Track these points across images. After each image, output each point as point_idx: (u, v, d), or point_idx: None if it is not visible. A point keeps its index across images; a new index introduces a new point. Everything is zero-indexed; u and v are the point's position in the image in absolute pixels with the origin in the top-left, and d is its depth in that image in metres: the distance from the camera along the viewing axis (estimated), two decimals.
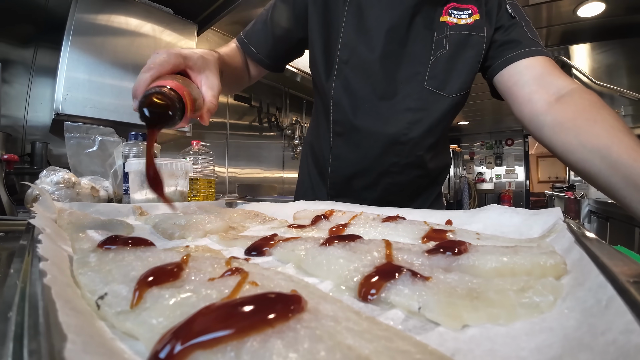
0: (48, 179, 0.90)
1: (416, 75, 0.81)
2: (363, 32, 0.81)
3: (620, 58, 2.72)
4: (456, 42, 0.79)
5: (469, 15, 0.80)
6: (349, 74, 0.83)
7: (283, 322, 0.17)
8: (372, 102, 0.82)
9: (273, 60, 0.92)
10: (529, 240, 0.38)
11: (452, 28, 0.80)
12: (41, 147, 1.80)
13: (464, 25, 0.80)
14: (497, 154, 6.98)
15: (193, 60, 0.59)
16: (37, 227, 0.35)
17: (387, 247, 0.32)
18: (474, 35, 0.79)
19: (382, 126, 0.82)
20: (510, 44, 0.77)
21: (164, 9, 2.12)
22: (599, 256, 0.23)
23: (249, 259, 0.37)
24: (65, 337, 0.15)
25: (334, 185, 0.92)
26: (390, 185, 0.86)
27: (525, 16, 0.80)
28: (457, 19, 0.80)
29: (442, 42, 0.79)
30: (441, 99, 0.81)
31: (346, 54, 0.82)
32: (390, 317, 0.22)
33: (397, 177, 0.85)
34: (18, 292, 0.19)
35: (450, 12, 0.80)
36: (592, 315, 0.18)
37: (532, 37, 0.76)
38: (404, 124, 0.81)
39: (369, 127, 0.82)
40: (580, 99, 0.65)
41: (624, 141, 0.55)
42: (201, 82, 0.59)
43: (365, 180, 0.87)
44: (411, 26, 0.80)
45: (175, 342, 0.15)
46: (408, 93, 0.81)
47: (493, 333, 0.19)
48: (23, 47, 1.90)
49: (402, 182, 0.86)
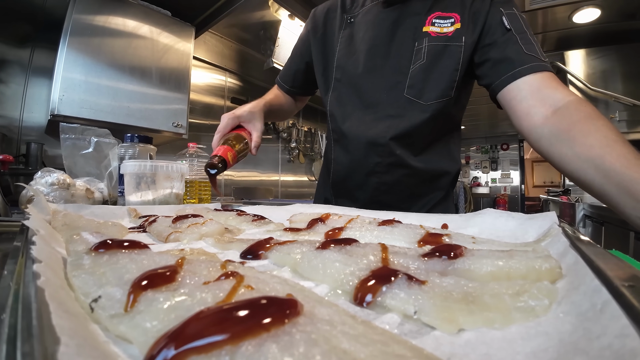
0: (43, 180, 0.90)
1: (397, 84, 0.87)
2: (352, 53, 0.95)
3: (615, 64, 2.74)
4: (433, 53, 0.84)
5: (452, 24, 0.84)
6: (341, 89, 0.97)
7: (278, 326, 0.16)
8: (360, 111, 0.93)
9: (299, 88, 1.15)
10: (525, 244, 0.38)
11: (431, 39, 0.84)
12: (36, 148, 1.79)
13: (443, 37, 0.83)
14: (492, 158, 7.01)
15: (243, 116, 0.89)
16: (31, 228, 0.35)
17: (383, 251, 0.32)
18: (452, 45, 0.83)
19: (364, 131, 0.90)
20: (504, 63, 0.77)
21: (162, 11, 2.12)
22: (594, 260, 0.23)
23: (244, 263, 0.37)
24: (58, 340, 0.15)
25: (334, 186, 1.02)
26: (378, 184, 0.91)
27: (524, 25, 0.79)
28: (440, 27, 0.85)
29: (420, 52, 0.85)
30: (419, 106, 0.85)
31: (339, 74, 0.97)
32: (386, 321, 0.22)
33: (384, 177, 0.90)
34: (11, 294, 0.19)
35: (433, 21, 0.85)
36: (587, 319, 0.18)
37: (527, 52, 0.75)
38: (383, 128, 0.88)
39: (354, 132, 0.92)
40: (576, 110, 0.66)
41: (616, 150, 0.56)
42: (251, 128, 0.90)
43: (356, 181, 0.94)
44: (394, 39, 0.88)
45: (170, 347, 0.15)
46: (390, 102, 0.88)
47: (489, 337, 0.19)
48: (20, 47, 1.89)
49: (389, 181, 0.90)
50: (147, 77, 2.03)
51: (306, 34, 1.09)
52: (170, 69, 2.15)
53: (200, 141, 2.46)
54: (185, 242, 0.49)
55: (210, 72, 3.04)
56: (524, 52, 0.75)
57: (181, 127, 2.17)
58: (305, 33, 1.09)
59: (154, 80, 2.06)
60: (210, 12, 2.31)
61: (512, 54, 0.76)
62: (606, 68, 2.76)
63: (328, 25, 1.02)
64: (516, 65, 0.75)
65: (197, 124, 2.89)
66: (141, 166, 0.89)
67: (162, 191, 0.92)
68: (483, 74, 0.82)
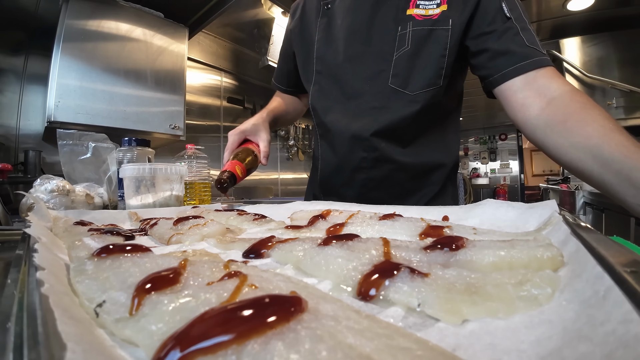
0: (42, 187, 0.90)
1: (381, 73, 0.82)
2: (331, 41, 0.90)
3: (610, 50, 2.74)
4: (418, 39, 0.78)
5: (437, 5, 0.78)
6: (322, 80, 0.93)
7: (283, 323, 0.17)
8: (342, 103, 0.88)
9: (295, 86, 1.12)
10: (526, 233, 0.38)
11: (415, 23, 0.79)
12: (34, 155, 1.79)
13: (429, 20, 0.78)
14: (491, 149, 7.01)
15: (248, 130, 0.94)
16: (33, 236, 0.35)
17: (385, 245, 0.32)
18: (437, 29, 0.77)
19: (347, 124, 0.86)
20: (506, 56, 0.72)
21: (154, 13, 2.11)
22: (595, 247, 0.23)
23: (247, 262, 0.37)
24: (64, 346, 0.15)
25: (322, 184, 0.98)
26: (365, 180, 0.87)
27: (522, 13, 0.76)
28: (425, 9, 0.79)
29: (405, 38, 0.79)
30: (405, 97, 0.81)
31: (319, 65, 0.93)
32: (390, 315, 0.22)
33: (371, 172, 0.86)
34: (16, 302, 0.19)
35: (418, 3, 0.79)
36: (590, 306, 0.18)
37: (529, 45, 0.72)
38: (367, 121, 0.83)
39: (337, 126, 0.88)
40: (572, 101, 0.65)
41: (614, 139, 0.55)
42: (257, 139, 0.95)
43: (342, 177, 0.91)
44: (374, 23, 0.82)
45: (176, 349, 0.15)
46: (373, 92, 0.83)
47: (493, 327, 0.20)
48: (13, 55, 1.89)
49: (376, 177, 0.86)
50: (142, 80, 2.03)
51: (288, 31, 1.07)
52: (165, 71, 2.15)
53: (198, 142, 2.46)
54: (187, 243, 0.49)
55: (206, 73, 3.03)
56: (526, 45, 0.72)
57: (178, 128, 2.17)
58: (287, 30, 1.08)
59: (149, 83, 2.06)
60: (203, 12, 2.31)
61: (514, 47, 0.72)
62: (602, 55, 2.76)
63: (306, 16, 0.98)
64: (519, 59, 0.71)
65: (195, 125, 2.89)
66: (140, 169, 0.89)
67: (162, 194, 0.92)
68: (480, 64, 0.77)
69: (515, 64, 0.71)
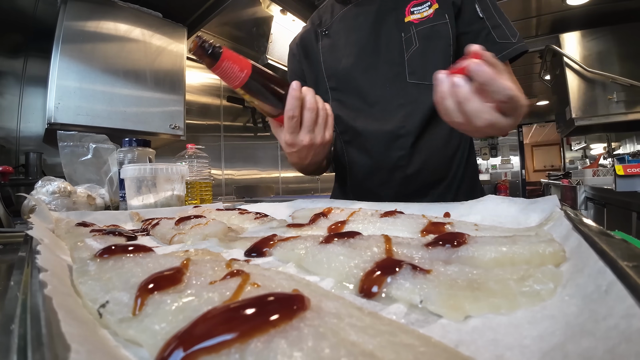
0: (44, 189, 0.90)
1: (398, 75, 0.87)
2: (338, 59, 0.93)
3: (611, 45, 2.73)
4: (424, 36, 0.85)
5: (429, 6, 0.85)
6: (339, 95, 0.95)
7: (286, 321, 0.17)
8: (365, 110, 0.90)
9: None
10: (527, 229, 0.38)
11: (416, 25, 0.86)
12: (35, 157, 1.79)
13: (427, 19, 0.85)
14: (491, 144, 7.00)
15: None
16: (35, 238, 0.35)
17: (387, 242, 0.32)
18: (437, 24, 0.84)
19: (380, 126, 0.88)
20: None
21: (153, 12, 2.11)
22: (597, 242, 0.23)
23: (249, 260, 0.37)
24: (69, 347, 0.15)
25: (354, 189, 0.98)
26: (403, 179, 0.89)
27: (494, 10, 0.82)
28: (420, 14, 0.86)
29: (411, 39, 0.85)
30: (427, 88, 0.84)
31: (332, 82, 0.95)
32: (392, 312, 0.22)
33: (408, 169, 0.88)
34: (19, 304, 0.19)
35: (412, 10, 0.87)
36: (592, 301, 0.18)
37: (499, 41, 0.79)
38: (400, 118, 0.86)
39: (369, 129, 0.89)
40: None
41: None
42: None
43: (379, 179, 0.92)
44: (380, 36, 0.88)
45: (179, 348, 0.15)
46: (395, 93, 0.87)
47: (495, 323, 0.20)
48: (12, 57, 1.88)
49: (413, 173, 0.88)
50: (142, 80, 2.02)
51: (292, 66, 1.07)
52: (164, 71, 2.14)
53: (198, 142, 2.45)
54: (189, 243, 0.49)
55: (205, 72, 3.02)
56: (496, 41, 0.79)
57: (178, 128, 2.17)
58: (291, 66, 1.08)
59: (149, 83, 2.05)
60: (202, 11, 2.30)
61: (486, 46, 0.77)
62: (602, 49, 2.74)
63: (307, 48, 1.03)
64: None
65: (195, 124, 2.88)
66: (141, 170, 0.89)
67: (163, 194, 0.92)
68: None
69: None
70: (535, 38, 3.22)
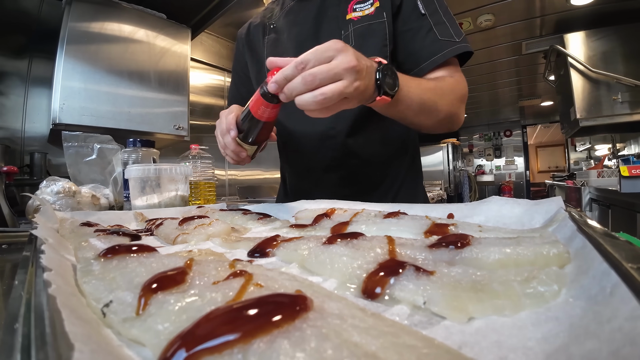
0: (48, 189, 0.91)
1: None
2: (279, 54, 0.92)
3: (615, 45, 2.71)
4: (359, 35, 0.84)
5: (371, 4, 0.84)
6: None
7: (289, 322, 0.17)
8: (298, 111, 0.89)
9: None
10: (531, 230, 0.38)
11: (355, 23, 0.85)
12: (40, 157, 1.80)
13: (366, 17, 0.84)
14: (496, 145, 6.98)
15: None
16: (40, 237, 0.35)
17: (390, 243, 0.32)
18: (375, 23, 0.83)
19: (311, 127, 0.88)
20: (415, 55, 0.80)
21: (157, 14, 2.12)
22: (602, 243, 0.23)
23: (252, 261, 0.37)
24: (72, 347, 0.15)
25: (292, 190, 1.00)
26: (338, 179, 0.90)
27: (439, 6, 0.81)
28: (362, 11, 0.85)
29: (348, 38, 0.85)
30: None
31: None
32: (395, 313, 0.22)
33: (341, 170, 0.89)
34: (23, 303, 0.19)
35: (355, 7, 0.86)
36: (597, 302, 0.18)
37: (441, 38, 0.78)
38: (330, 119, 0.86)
39: (300, 130, 0.90)
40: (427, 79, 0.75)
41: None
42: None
43: (312, 179, 0.93)
44: (320, 31, 0.87)
45: (182, 348, 0.15)
46: None
47: (499, 324, 0.19)
48: (17, 58, 1.90)
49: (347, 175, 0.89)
50: (146, 81, 2.03)
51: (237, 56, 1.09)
52: (168, 72, 2.15)
53: (202, 142, 2.46)
54: (192, 243, 0.49)
55: (209, 73, 3.04)
56: (438, 39, 0.78)
57: (182, 129, 2.17)
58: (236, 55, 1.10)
59: (153, 84, 2.06)
60: (205, 12, 2.31)
61: (425, 44, 0.79)
62: (606, 49, 2.73)
63: (252, 38, 1.02)
64: (424, 58, 0.78)
65: (198, 125, 2.89)
66: (145, 170, 0.89)
67: (167, 194, 0.92)
68: (399, 61, 0.84)
69: (424, 62, 0.79)
70: (540, 38, 3.21)
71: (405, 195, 0.92)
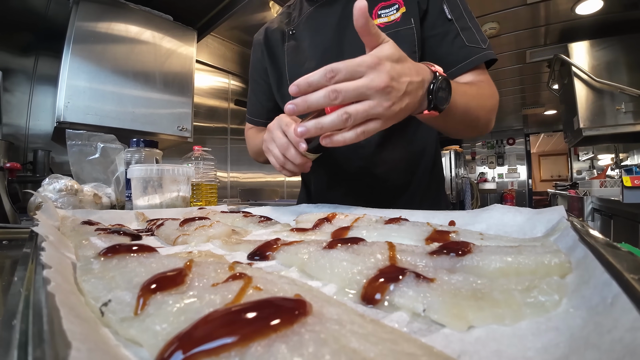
0: (51, 186, 0.91)
1: None
2: (302, 62, 0.90)
3: (619, 54, 2.71)
4: None
5: (397, 9, 0.82)
6: None
7: (287, 326, 0.16)
8: None
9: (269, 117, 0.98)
10: (533, 239, 0.38)
11: (384, 28, 0.82)
12: (43, 155, 1.80)
13: (393, 24, 0.81)
14: (498, 153, 6.97)
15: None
16: (41, 234, 0.35)
17: (391, 249, 0.32)
18: (402, 29, 0.80)
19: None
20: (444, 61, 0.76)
21: (164, 15, 2.13)
22: (604, 254, 0.23)
23: (252, 264, 0.37)
24: (69, 345, 0.15)
25: (317, 197, 0.99)
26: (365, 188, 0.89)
27: (464, 11, 0.79)
28: (387, 17, 0.82)
29: None
30: None
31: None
32: (394, 320, 0.22)
33: (368, 180, 0.88)
34: (22, 300, 0.19)
35: (379, 13, 0.83)
36: (598, 313, 0.18)
37: (468, 44, 0.76)
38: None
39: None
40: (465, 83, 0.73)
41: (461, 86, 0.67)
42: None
43: (343, 189, 0.92)
44: (344, 39, 0.85)
45: (179, 350, 0.15)
46: None
47: (499, 334, 0.19)
48: (24, 55, 1.91)
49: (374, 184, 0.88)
50: (151, 82, 2.04)
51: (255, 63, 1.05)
52: (173, 73, 2.16)
53: (205, 144, 2.47)
54: (193, 244, 0.49)
55: (214, 75, 3.05)
56: (465, 45, 0.76)
57: (186, 130, 2.18)
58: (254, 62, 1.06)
59: (158, 85, 2.07)
60: (212, 15, 2.32)
61: (453, 49, 0.77)
62: (610, 59, 2.73)
63: (272, 47, 0.99)
64: (456, 61, 0.77)
65: (202, 127, 2.90)
66: (148, 170, 0.89)
67: (169, 194, 0.92)
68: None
69: (453, 67, 0.77)
70: (544, 47, 3.22)
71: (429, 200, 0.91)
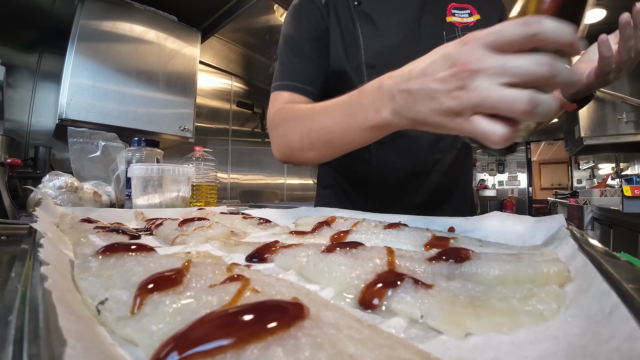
0: (51, 183, 0.91)
1: None
2: (378, 36, 0.80)
3: None
4: None
5: (469, 14, 0.82)
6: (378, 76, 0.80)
7: (284, 329, 0.16)
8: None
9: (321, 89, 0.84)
10: (532, 247, 0.38)
11: (461, 29, 0.81)
12: (44, 151, 1.81)
13: (466, 27, 0.81)
14: (499, 160, 6.96)
15: None
16: (39, 231, 0.35)
17: (389, 255, 0.32)
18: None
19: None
20: None
21: (168, 16, 2.14)
22: (603, 263, 0.23)
23: (250, 266, 0.37)
24: (65, 342, 0.15)
25: (381, 195, 0.87)
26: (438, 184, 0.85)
27: None
28: (460, 17, 0.82)
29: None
30: None
31: (371, 59, 0.80)
32: (392, 325, 0.22)
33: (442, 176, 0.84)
34: (19, 296, 0.19)
35: (453, 11, 0.82)
36: (596, 322, 0.18)
37: None
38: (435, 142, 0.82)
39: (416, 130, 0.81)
40: None
41: None
42: None
43: (415, 184, 0.84)
44: (420, 26, 0.82)
45: (175, 350, 0.15)
46: None
47: (496, 341, 0.19)
48: (28, 52, 1.92)
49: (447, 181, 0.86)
50: (154, 81, 2.05)
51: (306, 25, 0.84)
52: (176, 74, 2.17)
53: (206, 145, 2.48)
54: (191, 245, 0.49)
55: (217, 77, 3.06)
56: None
57: (187, 130, 2.19)
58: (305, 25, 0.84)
59: (161, 85, 2.08)
60: (216, 17, 2.33)
61: None
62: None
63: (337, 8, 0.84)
64: None
65: (204, 127, 2.91)
66: (148, 170, 0.89)
67: (168, 194, 0.92)
68: None
69: None
70: None
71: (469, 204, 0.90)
